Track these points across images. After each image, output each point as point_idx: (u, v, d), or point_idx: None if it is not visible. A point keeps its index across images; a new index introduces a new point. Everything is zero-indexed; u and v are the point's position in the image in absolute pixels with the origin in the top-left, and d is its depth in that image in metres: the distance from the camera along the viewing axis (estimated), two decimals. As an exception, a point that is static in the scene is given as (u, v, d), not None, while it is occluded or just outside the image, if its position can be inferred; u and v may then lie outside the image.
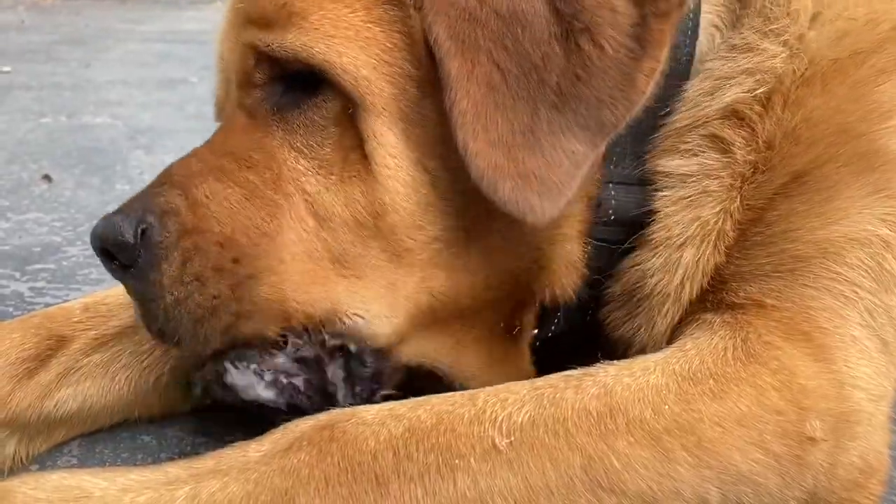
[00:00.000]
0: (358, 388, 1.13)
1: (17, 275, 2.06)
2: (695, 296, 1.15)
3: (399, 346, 1.16)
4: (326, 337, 1.09)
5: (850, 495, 1.02)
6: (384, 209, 1.07)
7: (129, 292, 1.13)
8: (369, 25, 1.04)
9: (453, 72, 0.99)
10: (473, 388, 1.05)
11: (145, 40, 6.62)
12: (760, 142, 1.13)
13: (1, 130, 3.53)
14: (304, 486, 0.92)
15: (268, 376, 1.09)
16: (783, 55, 1.13)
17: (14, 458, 1.26)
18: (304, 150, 1.09)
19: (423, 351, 1.19)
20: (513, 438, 0.95)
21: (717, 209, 1.13)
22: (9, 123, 3.66)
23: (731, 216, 1.14)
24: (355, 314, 1.10)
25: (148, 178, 3.01)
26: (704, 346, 1.07)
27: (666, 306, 1.17)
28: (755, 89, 1.13)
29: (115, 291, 1.38)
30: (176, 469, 0.97)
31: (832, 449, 1.00)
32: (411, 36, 1.05)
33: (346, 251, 1.09)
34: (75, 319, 1.31)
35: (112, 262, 1.10)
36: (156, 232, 1.06)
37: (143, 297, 1.09)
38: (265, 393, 1.10)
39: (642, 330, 1.19)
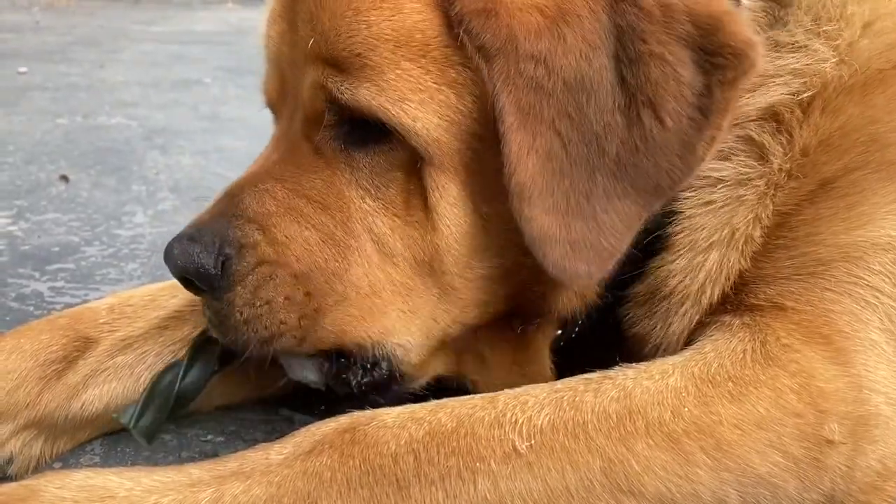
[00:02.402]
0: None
1: (37, 274, 2.08)
2: (716, 299, 1.16)
3: (422, 368, 1.23)
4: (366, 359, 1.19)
5: (868, 499, 1.02)
6: (440, 252, 1.11)
7: (203, 303, 1.17)
8: (442, 87, 1.06)
9: (514, 147, 1.00)
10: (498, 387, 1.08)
11: (159, 41, 6.66)
12: (797, 149, 1.13)
13: (18, 131, 3.56)
14: (327, 489, 0.93)
15: (314, 363, 1.21)
16: (833, 60, 1.13)
17: (39, 457, 1.28)
18: (371, 189, 1.12)
19: (446, 367, 1.25)
20: (533, 441, 0.96)
21: (750, 216, 1.14)
22: (26, 124, 3.69)
23: (761, 222, 1.14)
24: (399, 344, 1.17)
25: (164, 178, 3.05)
26: (723, 348, 1.08)
27: (685, 307, 1.17)
28: (801, 92, 1.13)
29: (139, 292, 1.40)
30: (199, 471, 0.98)
31: (850, 452, 1.00)
32: (481, 97, 1.06)
33: (405, 284, 1.14)
34: (102, 321, 1.33)
35: (190, 285, 1.14)
36: (234, 263, 1.10)
37: (218, 312, 1.13)
38: (310, 375, 1.23)
39: (658, 328, 1.20)
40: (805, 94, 1.12)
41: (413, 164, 1.09)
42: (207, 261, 1.09)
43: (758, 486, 0.97)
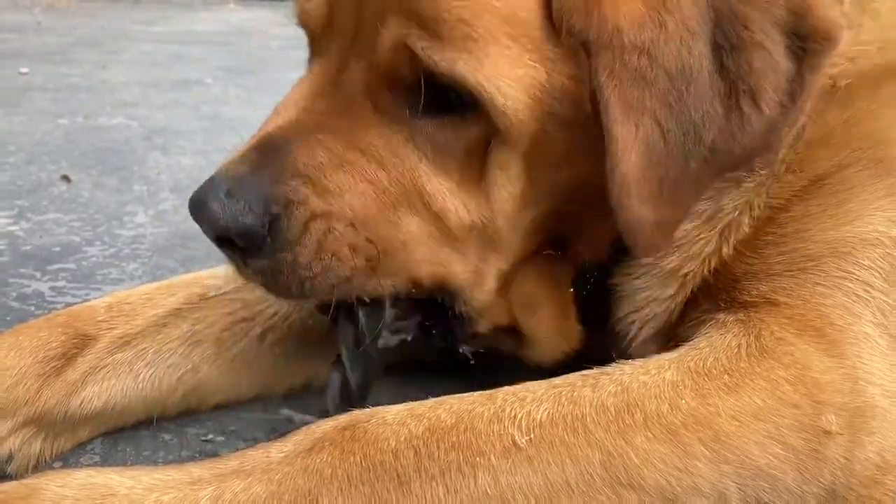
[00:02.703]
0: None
1: (38, 274, 2.08)
2: (691, 278, 1.18)
3: (484, 313, 1.26)
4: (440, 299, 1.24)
5: (868, 492, 1.02)
6: (492, 216, 1.14)
7: (238, 264, 1.14)
8: (536, 65, 1.05)
9: (620, 140, 1.00)
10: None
11: (160, 41, 6.66)
12: (803, 139, 1.13)
13: (20, 132, 3.56)
14: (327, 486, 0.93)
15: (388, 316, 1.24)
16: (877, 45, 1.13)
17: (39, 456, 1.28)
18: (428, 153, 1.11)
19: (501, 316, 1.28)
20: (532, 436, 0.96)
21: (740, 201, 1.15)
22: (27, 125, 3.69)
23: (752, 211, 1.15)
24: (464, 280, 1.19)
25: (165, 178, 3.05)
26: (718, 343, 1.08)
27: (660, 278, 1.20)
28: (839, 78, 1.12)
29: (137, 291, 1.41)
30: (199, 469, 0.98)
31: (848, 444, 1.00)
32: (572, 79, 1.05)
33: (456, 237, 1.15)
34: (100, 318, 1.33)
35: (228, 244, 1.10)
36: (283, 222, 1.08)
37: (268, 271, 1.11)
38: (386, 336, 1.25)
39: (640, 294, 1.23)
40: (843, 82, 1.12)
41: (481, 137, 1.09)
42: (255, 221, 1.06)
43: (757, 479, 0.97)
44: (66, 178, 2.89)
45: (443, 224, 1.14)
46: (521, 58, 1.04)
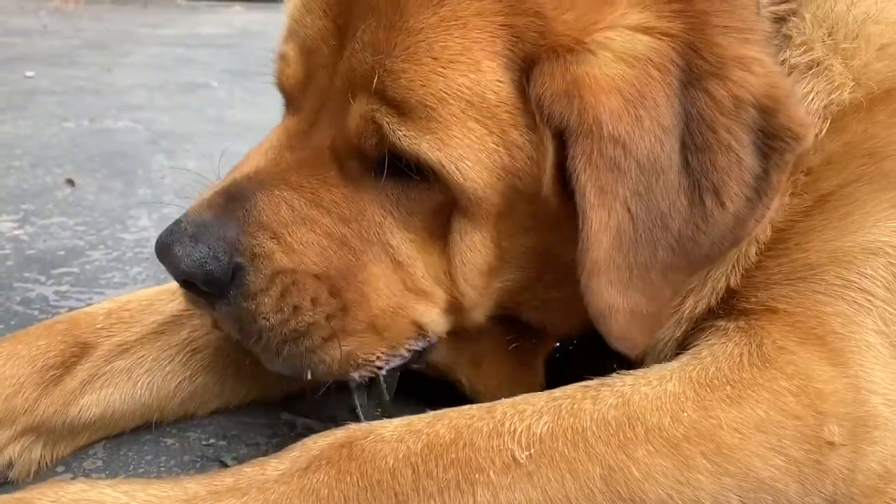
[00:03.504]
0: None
1: (42, 278, 2.08)
2: (698, 312, 1.17)
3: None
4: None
5: (870, 502, 1.01)
6: (455, 276, 1.14)
7: (208, 309, 1.16)
8: (500, 149, 1.07)
9: (594, 225, 1.02)
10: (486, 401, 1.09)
11: (165, 45, 6.68)
12: (803, 168, 1.14)
13: (25, 135, 3.57)
14: None
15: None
16: (851, 84, 1.14)
17: (40, 462, 1.28)
18: (394, 213, 1.13)
19: (445, 355, 1.27)
20: (532, 451, 0.96)
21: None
22: (33, 128, 3.70)
23: (758, 242, 1.15)
24: (428, 325, 1.20)
25: (169, 181, 3.05)
26: (720, 352, 1.08)
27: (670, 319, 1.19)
28: (821, 122, 1.13)
29: (137, 296, 1.40)
30: (195, 485, 0.98)
31: (851, 454, 1.00)
32: (536, 160, 1.07)
33: (420, 288, 1.16)
34: (99, 325, 1.33)
35: (191, 287, 1.12)
36: (248, 273, 1.10)
37: (230, 316, 1.13)
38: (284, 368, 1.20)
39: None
40: (825, 126, 1.14)
41: (444, 205, 1.10)
42: (218, 267, 1.08)
43: (759, 491, 0.97)
44: (70, 182, 2.89)
45: (407, 276, 1.14)
46: (485, 140, 1.06)
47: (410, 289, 1.15)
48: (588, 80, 1.01)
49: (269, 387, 1.44)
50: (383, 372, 1.21)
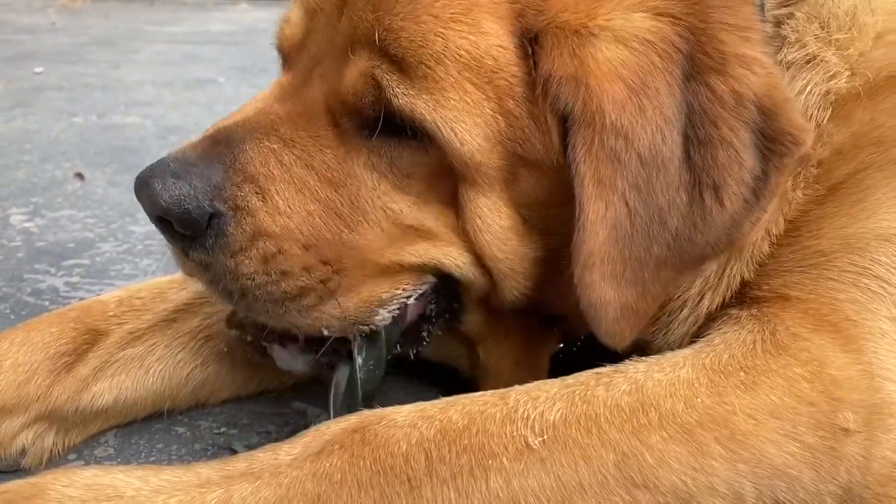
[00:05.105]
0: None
1: (53, 270, 2.09)
2: (714, 307, 1.16)
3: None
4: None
5: (885, 490, 1.00)
6: (478, 241, 1.12)
7: (182, 254, 1.12)
8: (497, 116, 1.06)
9: (591, 216, 1.01)
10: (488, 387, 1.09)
11: (173, 41, 6.68)
12: (813, 161, 1.14)
13: (34, 130, 3.58)
14: (337, 491, 0.92)
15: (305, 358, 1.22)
16: (847, 74, 1.13)
17: (52, 450, 1.29)
18: (388, 175, 1.11)
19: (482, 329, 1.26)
20: (545, 437, 0.95)
21: (760, 233, 1.14)
22: (42, 123, 3.72)
23: (770, 236, 1.15)
24: (449, 266, 1.16)
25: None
26: (733, 339, 1.07)
27: (684, 312, 1.18)
28: (821, 113, 1.13)
29: (148, 285, 1.41)
30: (208, 471, 0.97)
31: (866, 441, 0.99)
32: (538, 134, 1.06)
33: (434, 233, 1.13)
34: (110, 313, 1.33)
35: (167, 227, 1.08)
36: (229, 224, 1.06)
37: (208, 268, 1.10)
38: (298, 366, 1.24)
39: (660, 334, 1.21)
40: (826, 114, 1.13)
41: (441, 168, 1.09)
42: (195, 207, 1.04)
43: (774, 478, 0.96)
44: (80, 176, 2.90)
45: (417, 231, 1.12)
46: (482, 105, 1.05)
47: (423, 236, 1.13)
48: (593, 64, 1.01)
49: (280, 375, 1.44)
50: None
